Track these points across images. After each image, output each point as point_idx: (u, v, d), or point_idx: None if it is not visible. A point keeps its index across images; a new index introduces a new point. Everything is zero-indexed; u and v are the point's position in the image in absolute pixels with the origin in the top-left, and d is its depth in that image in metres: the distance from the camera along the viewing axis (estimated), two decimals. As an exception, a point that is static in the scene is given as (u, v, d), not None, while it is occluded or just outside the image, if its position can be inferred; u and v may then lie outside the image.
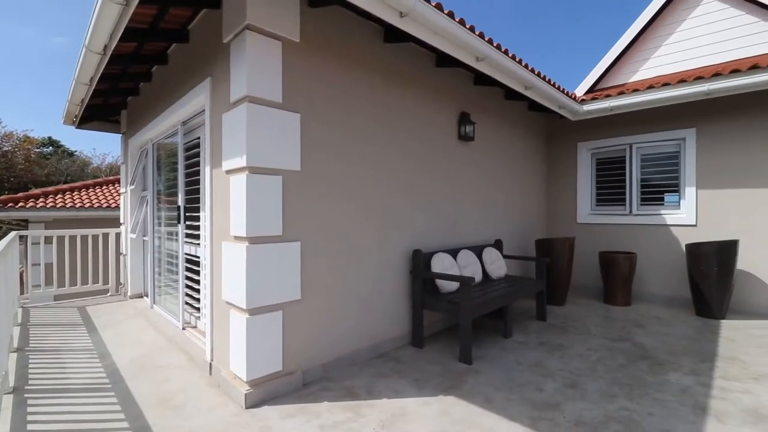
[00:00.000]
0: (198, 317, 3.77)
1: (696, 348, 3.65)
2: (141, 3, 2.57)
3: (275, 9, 2.69)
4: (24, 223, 10.03)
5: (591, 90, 6.67)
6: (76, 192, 11.15)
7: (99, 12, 2.62)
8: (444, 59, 4.02)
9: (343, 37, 3.24)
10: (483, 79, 4.56)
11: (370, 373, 3.12)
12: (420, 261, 3.74)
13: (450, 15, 3.17)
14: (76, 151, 28.09)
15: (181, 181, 3.80)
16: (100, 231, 5.96)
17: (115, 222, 6.64)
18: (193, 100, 3.35)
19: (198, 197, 3.54)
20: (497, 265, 4.64)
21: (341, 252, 3.25)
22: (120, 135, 6.16)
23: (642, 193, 5.76)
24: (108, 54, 3.24)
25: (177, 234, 3.98)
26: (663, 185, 5.59)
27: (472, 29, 3.43)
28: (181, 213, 3.81)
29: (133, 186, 5.37)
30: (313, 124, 3.02)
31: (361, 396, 2.74)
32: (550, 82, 4.79)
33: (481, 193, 4.96)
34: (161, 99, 4.13)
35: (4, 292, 2.85)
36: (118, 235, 6.10)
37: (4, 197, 9.42)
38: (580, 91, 6.73)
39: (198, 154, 3.55)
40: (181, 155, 3.82)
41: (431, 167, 4.16)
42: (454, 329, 4.22)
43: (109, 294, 5.93)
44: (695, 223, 5.19)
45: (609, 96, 5.36)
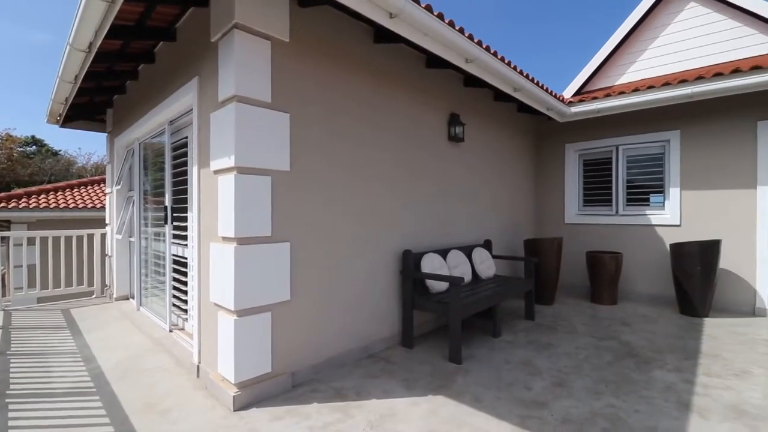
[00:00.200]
0: (185, 319, 3.72)
1: (680, 345, 3.72)
2: (127, 0, 2.54)
3: (264, 8, 2.67)
4: (6, 224, 9.79)
5: (578, 92, 6.76)
6: (60, 192, 10.93)
7: (84, 8, 2.58)
8: (434, 60, 4.04)
9: (333, 38, 3.24)
10: (473, 81, 4.59)
11: (359, 374, 3.11)
12: (410, 261, 3.75)
13: (440, 17, 3.19)
14: (60, 151, 27.55)
15: (169, 181, 3.76)
16: (85, 232, 5.84)
17: (101, 223, 6.51)
18: (181, 99, 3.31)
19: (185, 197, 3.50)
20: (486, 265, 4.67)
21: (331, 252, 3.24)
22: (106, 134, 6.06)
23: (628, 194, 5.85)
24: (93, 52, 3.18)
25: (164, 235, 3.92)
26: (648, 186, 5.70)
27: (461, 31, 3.45)
28: (169, 213, 3.76)
29: (119, 186, 5.28)
30: (303, 124, 3.01)
31: (351, 397, 2.73)
32: (538, 84, 4.84)
33: (471, 194, 4.99)
34: (148, 98, 4.07)
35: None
36: (103, 236, 6.00)
37: (-16, 197, 9.19)
38: (567, 93, 6.82)
39: (185, 153, 3.51)
40: (169, 155, 3.78)
41: (421, 168, 4.17)
42: (444, 329, 4.24)
43: (94, 296, 5.82)
44: (679, 223, 5.30)
45: (596, 98, 5.44)
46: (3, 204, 9.15)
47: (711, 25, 5.63)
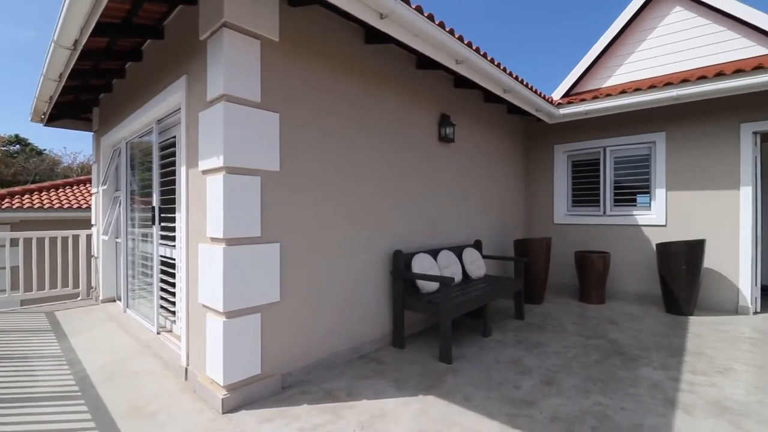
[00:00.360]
0: (173, 321, 3.68)
1: (666, 343, 3.78)
2: (113, -3, 2.50)
3: (253, 7, 2.65)
4: (-12, 225, 9.56)
5: (567, 94, 6.83)
6: (44, 192, 10.72)
7: (69, 5, 2.52)
8: (424, 61, 4.05)
9: (324, 38, 3.23)
10: (463, 82, 4.61)
11: (350, 375, 3.10)
12: (400, 261, 3.75)
13: (430, 18, 3.20)
14: (45, 150, 26.95)
15: (156, 181, 3.71)
16: (70, 233, 5.74)
17: (87, 223, 6.39)
18: (169, 98, 3.27)
19: (173, 198, 3.45)
20: (477, 265, 4.70)
21: (321, 253, 3.23)
22: (92, 133, 5.95)
23: (615, 195, 5.94)
24: (78, 49, 3.12)
25: (151, 235, 3.87)
26: (635, 187, 5.79)
27: (451, 32, 3.47)
28: (156, 214, 3.71)
29: (106, 186, 5.19)
30: (293, 124, 2.99)
31: (341, 398, 2.72)
32: (527, 85, 4.89)
33: (462, 194, 5.01)
34: (135, 96, 4.01)
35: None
36: (89, 237, 5.89)
37: (-35, 197, 8.97)
38: (557, 95, 6.89)
39: (173, 153, 3.46)
40: (156, 154, 3.73)
41: (412, 168, 4.18)
42: (434, 329, 4.25)
43: (80, 298, 5.71)
44: (665, 224, 5.39)
45: (584, 100, 5.51)
46: (-15, 204, 8.95)
47: (696, 29, 5.74)
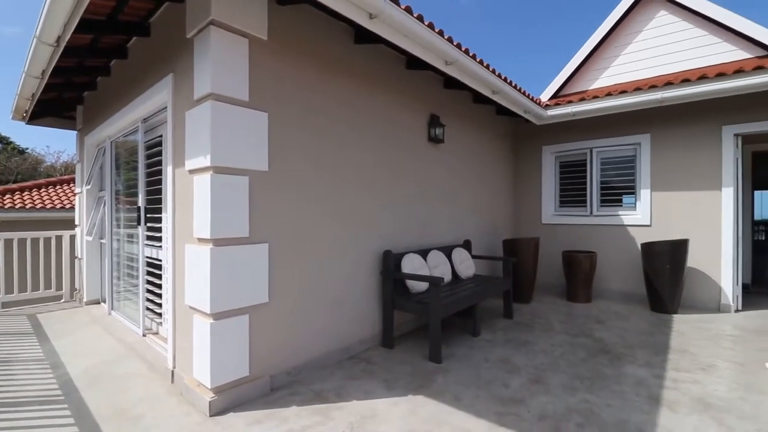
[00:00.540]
0: (160, 323, 3.62)
1: (650, 341, 3.85)
2: (97, -7, 2.45)
3: (241, 5, 2.63)
4: (-33, 226, 9.29)
5: (555, 96, 6.91)
6: (27, 192, 10.46)
7: (51, 1, 2.47)
8: (414, 62, 4.06)
9: (313, 37, 3.21)
10: (452, 83, 4.63)
11: (340, 376, 3.09)
12: (390, 262, 3.75)
13: (419, 18, 3.21)
14: (27, 149, 26.28)
15: (142, 181, 3.65)
16: (53, 233, 5.60)
17: (70, 224, 6.26)
18: (155, 96, 3.22)
19: (159, 198, 3.40)
20: (466, 265, 4.72)
21: (311, 253, 3.21)
22: (75, 132, 5.83)
23: (601, 195, 6.03)
24: (62, 46, 3.05)
25: (137, 236, 3.80)
26: (621, 187, 5.88)
27: (441, 33, 3.48)
28: (142, 214, 3.65)
29: (90, 186, 5.09)
30: (282, 123, 2.97)
31: (331, 399, 2.71)
32: (516, 87, 4.93)
33: (451, 194, 5.04)
34: (120, 95, 3.94)
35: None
36: (72, 238, 5.76)
37: (-57, 197, 8.71)
38: (545, 97, 6.97)
39: (160, 152, 3.41)
40: (142, 154, 3.67)
41: (402, 169, 4.18)
42: (424, 329, 4.26)
43: (63, 300, 5.59)
44: (650, 224, 5.49)
45: (571, 102, 5.58)
46: (-37, 204, 8.70)
47: (680, 33, 5.85)
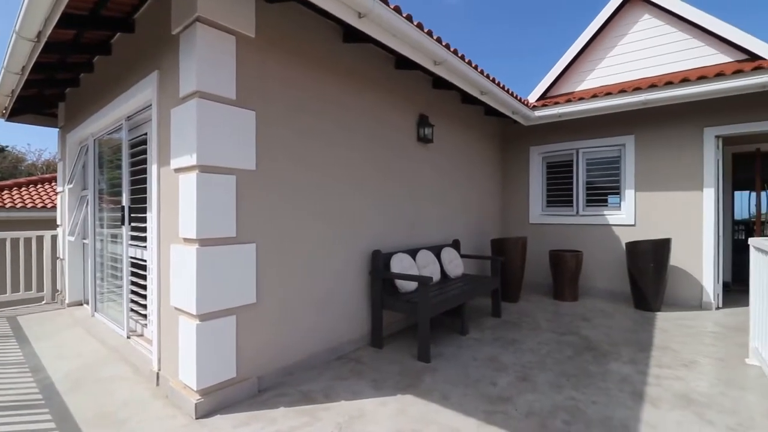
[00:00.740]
0: (144, 325, 3.56)
1: (634, 339, 3.93)
2: (79, -12, 2.40)
3: (228, 2, 2.60)
4: (-58, 226, 9.00)
5: (543, 97, 7.00)
6: (6, 191, 10.16)
7: (30, -5, 2.41)
8: (403, 62, 4.06)
9: (302, 35, 3.19)
10: (441, 83, 4.65)
11: (328, 376, 3.08)
12: (379, 261, 3.75)
13: (408, 18, 3.21)
14: (7, 147, 25.56)
15: (126, 180, 3.58)
16: (33, 234, 5.47)
17: (52, 224, 6.11)
18: (139, 93, 3.16)
19: (144, 197, 3.34)
20: (455, 264, 4.75)
21: (299, 253, 3.19)
22: (57, 129, 5.69)
23: (587, 195, 6.12)
24: (42, 41, 2.97)
25: (121, 236, 3.73)
26: (606, 188, 5.98)
27: (429, 33, 3.49)
28: (126, 214, 3.59)
29: (72, 185, 4.97)
30: (270, 122, 2.95)
31: (319, 400, 2.70)
32: (504, 88, 4.97)
33: (440, 194, 5.06)
34: (104, 92, 3.86)
35: None
36: (54, 238, 5.63)
37: None
38: (533, 98, 7.04)
39: (144, 151, 3.35)
40: (126, 152, 3.60)
41: (391, 168, 4.18)
42: (413, 328, 4.27)
43: (44, 302, 5.45)
44: (634, 223, 5.60)
45: (558, 103, 5.66)
46: (-61, 203, 8.42)
47: (664, 37, 5.97)
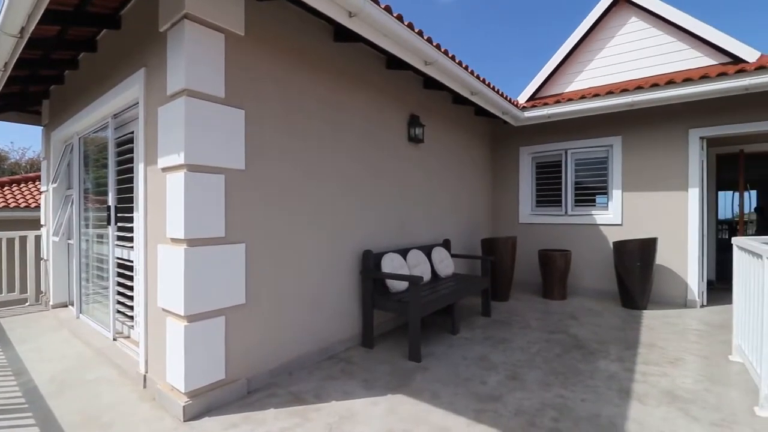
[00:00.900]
0: (131, 326, 3.50)
1: (622, 337, 3.98)
2: (63, -17, 2.35)
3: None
4: None
5: (532, 98, 7.07)
6: (-13, 190, 9.93)
7: (12, -11, 2.35)
8: (394, 62, 4.07)
9: (292, 34, 3.17)
10: (432, 83, 4.66)
11: (319, 376, 3.07)
12: (370, 261, 3.75)
13: (399, 18, 3.21)
14: (-11, 145, 25.01)
15: (112, 179, 3.52)
16: (16, 234, 5.34)
17: (35, 224, 5.98)
18: (126, 91, 3.11)
19: (131, 196, 3.29)
20: (445, 264, 4.77)
21: (289, 253, 3.17)
22: (41, 127, 5.57)
23: (576, 195, 6.20)
24: (26, 37, 2.89)
25: (107, 236, 3.67)
26: (594, 188, 6.06)
27: (420, 33, 3.49)
28: (112, 214, 3.53)
29: (56, 184, 4.87)
30: (260, 121, 2.92)
31: (309, 400, 2.69)
32: (494, 88, 5.01)
33: (431, 194, 5.07)
34: (89, 89, 3.79)
35: None
36: (38, 238, 5.51)
37: None
38: (522, 98, 7.11)
39: (131, 149, 3.29)
40: (112, 151, 3.54)
41: (381, 168, 4.18)
42: (404, 328, 4.27)
43: (28, 304, 5.33)
44: (621, 223, 5.68)
45: (547, 104, 5.71)
46: None
47: (650, 39, 6.07)
